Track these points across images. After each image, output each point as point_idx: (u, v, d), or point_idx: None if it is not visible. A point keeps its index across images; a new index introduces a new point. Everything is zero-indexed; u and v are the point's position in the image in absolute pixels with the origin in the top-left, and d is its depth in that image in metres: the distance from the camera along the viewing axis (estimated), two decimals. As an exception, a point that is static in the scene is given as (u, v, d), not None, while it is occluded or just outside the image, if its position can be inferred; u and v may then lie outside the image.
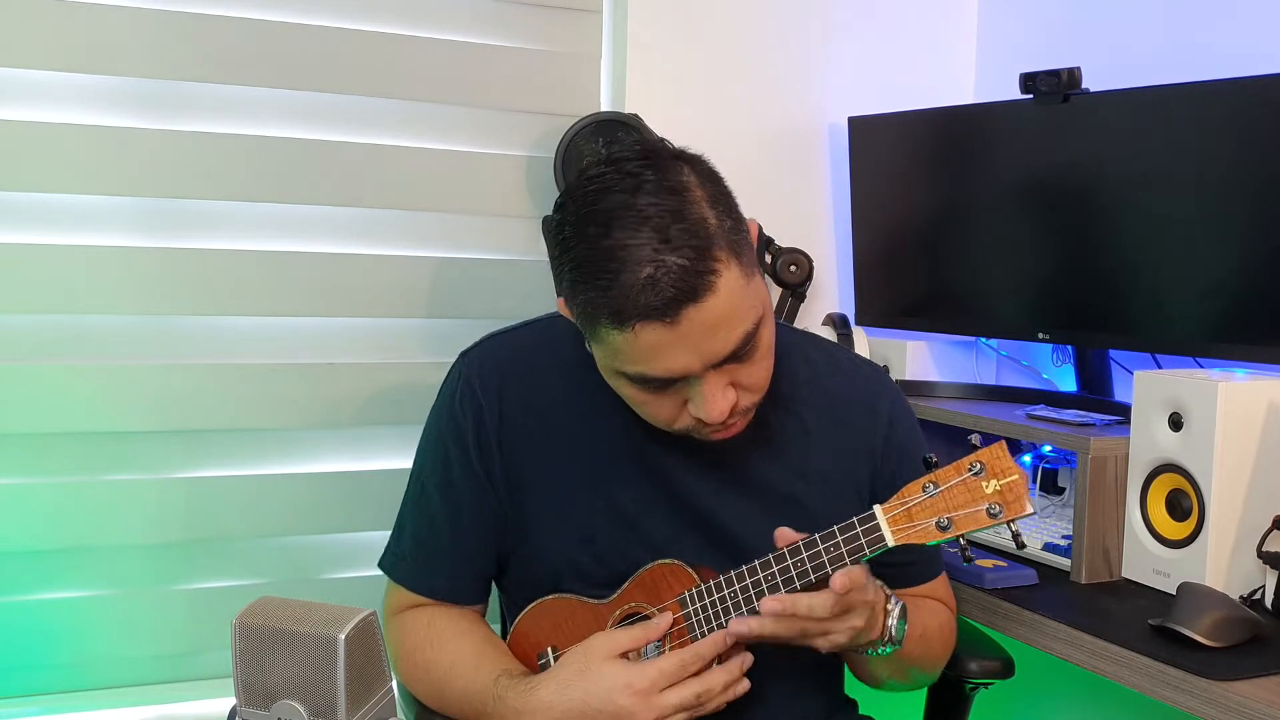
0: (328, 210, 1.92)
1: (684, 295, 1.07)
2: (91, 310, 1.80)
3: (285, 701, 0.89)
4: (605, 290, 1.09)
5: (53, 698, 1.81)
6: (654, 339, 1.09)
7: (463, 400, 1.31)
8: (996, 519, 1.10)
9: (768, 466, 1.30)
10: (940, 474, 1.13)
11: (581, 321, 1.16)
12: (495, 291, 2.02)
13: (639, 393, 1.17)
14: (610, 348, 1.13)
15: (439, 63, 1.96)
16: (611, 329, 1.10)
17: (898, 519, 1.13)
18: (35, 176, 1.75)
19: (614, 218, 1.09)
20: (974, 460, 1.12)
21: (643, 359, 1.12)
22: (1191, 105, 1.66)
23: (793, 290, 2.06)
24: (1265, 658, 1.27)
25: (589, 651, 1.18)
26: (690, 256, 1.07)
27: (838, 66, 2.22)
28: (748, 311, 1.13)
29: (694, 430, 1.20)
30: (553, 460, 1.29)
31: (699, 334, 1.10)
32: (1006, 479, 1.11)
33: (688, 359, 1.11)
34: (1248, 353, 1.61)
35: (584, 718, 1.15)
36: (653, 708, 1.14)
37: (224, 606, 1.41)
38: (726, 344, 1.12)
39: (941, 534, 1.11)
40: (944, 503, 1.12)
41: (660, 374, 1.13)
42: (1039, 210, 1.89)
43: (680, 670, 1.16)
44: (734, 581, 1.19)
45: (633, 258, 1.07)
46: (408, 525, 1.36)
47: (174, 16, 1.80)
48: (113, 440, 1.81)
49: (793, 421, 1.32)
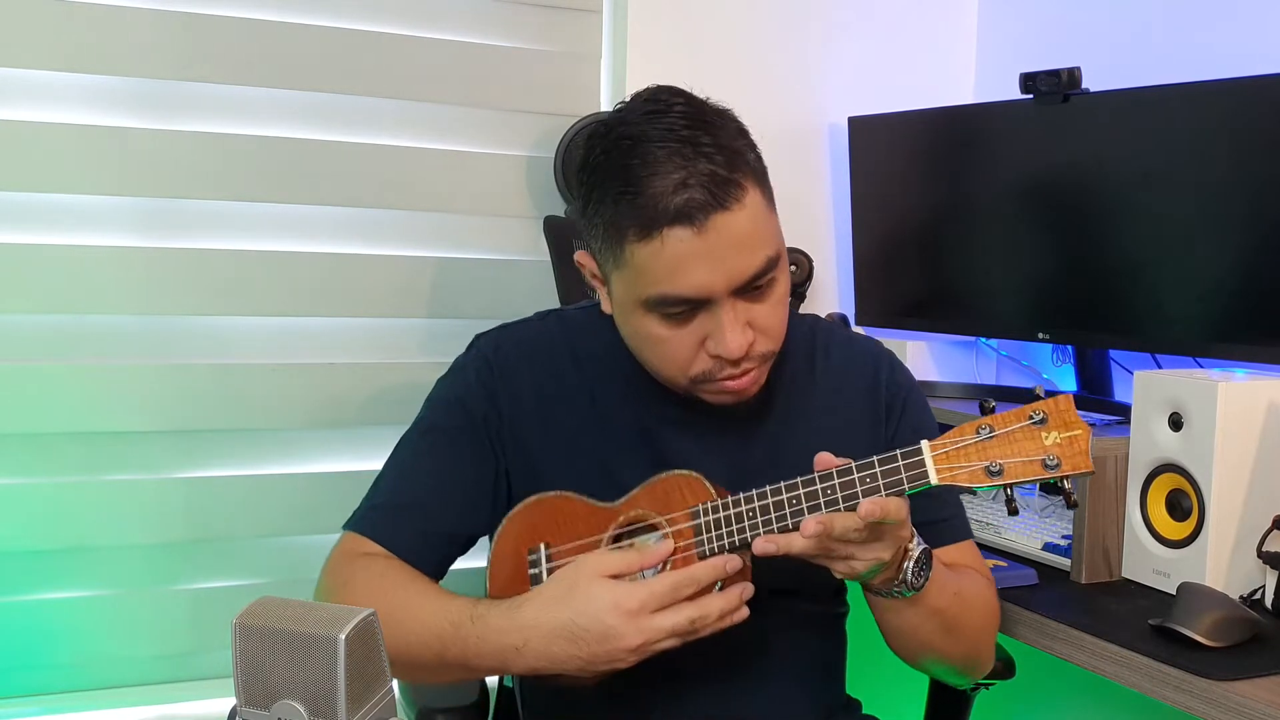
0: (328, 210, 1.92)
1: (715, 200, 1.10)
2: (91, 310, 1.80)
3: (285, 701, 0.88)
4: (634, 199, 1.10)
5: (53, 698, 1.81)
6: (681, 249, 1.10)
7: (479, 374, 1.30)
8: (1053, 471, 1.05)
9: (778, 449, 1.28)
10: (998, 418, 1.07)
11: (606, 248, 1.16)
12: (495, 291, 2.02)
13: (658, 326, 1.16)
14: (634, 270, 1.14)
15: (439, 63, 1.96)
16: (638, 242, 1.12)
17: (945, 457, 1.07)
18: (35, 176, 1.75)
19: (645, 134, 1.12)
20: (1037, 409, 1.06)
21: (667, 274, 1.12)
22: (1191, 105, 1.66)
23: (793, 290, 2.05)
24: (1265, 658, 1.27)
25: (578, 570, 1.13)
26: (721, 165, 1.11)
27: (838, 66, 2.22)
28: (771, 238, 1.16)
29: (710, 377, 1.18)
30: (561, 448, 1.28)
31: (725, 248, 1.11)
32: (1070, 432, 1.05)
33: (711, 276, 1.12)
34: (1248, 353, 1.61)
35: (570, 636, 1.10)
36: (642, 630, 1.09)
37: (224, 606, 1.42)
38: (751, 264, 1.13)
39: (990, 479, 1.06)
40: (998, 449, 1.06)
41: (684, 292, 1.12)
42: (1039, 210, 1.89)
43: (672, 592, 1.10)
44: (754, 500, 1.13)
45: (663, 165, 1.10)
46: (381, 485, 1.31)
47: (174, 16, 1.80)
48: (113, 440, 1.81)
49: (799, 401, 1.31)
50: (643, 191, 1.10)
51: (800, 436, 1.29)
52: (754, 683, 1.18)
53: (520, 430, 1.28)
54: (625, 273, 1.15)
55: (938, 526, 1.29)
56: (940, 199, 2.04)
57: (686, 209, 1.09)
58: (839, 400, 1.32)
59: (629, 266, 1.14)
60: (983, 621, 1.31)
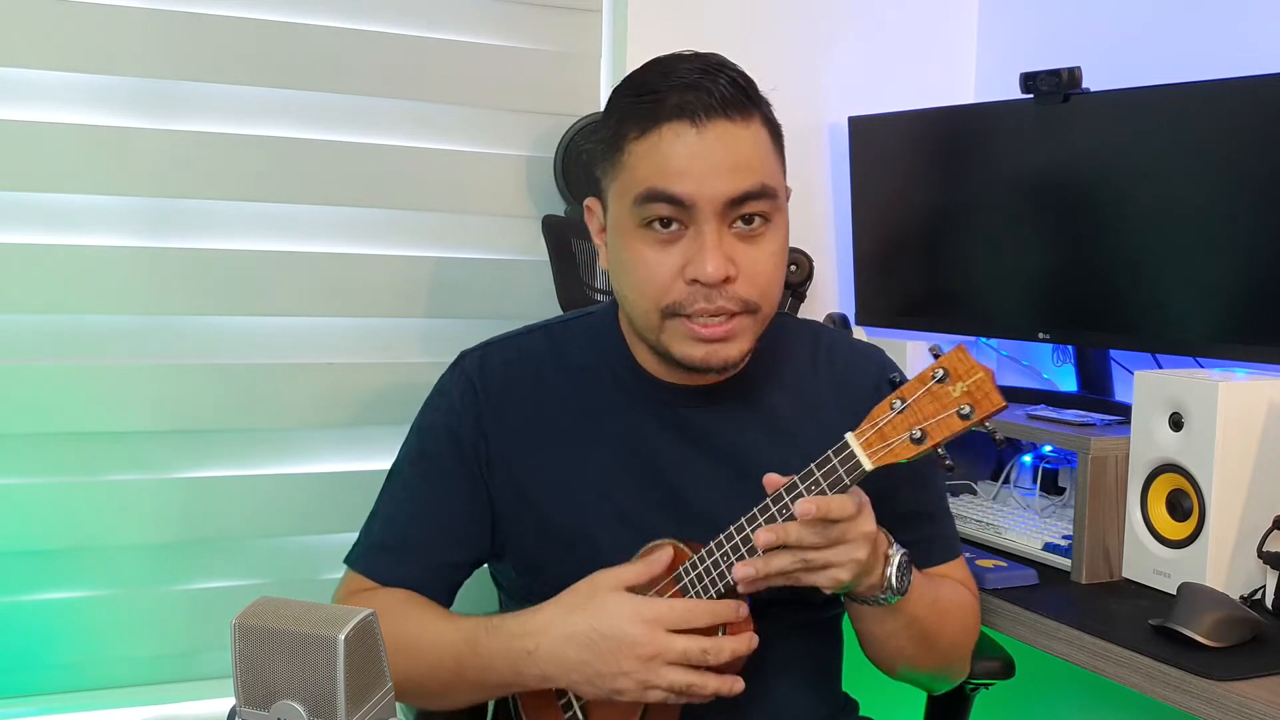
0: (327, 210, 1.92)
1: (720, 106, 1.12)
2: (91, 310, 1.80)
3: (285, 702, 0.89)
4: (642, 99, 1.14)
5: (53, 698, 1.81)
6: (678, 146, 1.12)
7: (463, 396, 1.30)
8: (969, 420, 1.07)
9: (777, 458, 1.28)
10: (905, 389, 1.10)
11: (607, 157, 1.19)
12: (495, 291, 2.02)
13: (643, 244, 1.16)
14: (629, 170, 1.15)
15: (439, 63, 1.96)
16: (636, 139, 1.14)
17: (870, 441, 1.10)
18: (35, 176, 1.75)
19: (673, 58, 1.17)
20: (936, 368, 1.09)
21: (659, 169, 1.13)
22: (1191, 105, 1.66)
23: (793, 290, 2.06)
24: (1265, 658, 1.27)
25: (594, 582, 1.15)
26: (736, 88, 1.14)
27: (838, 66, 2.22)
28: (770, 174, 1.17)
29: (685, 310, 1.16)
30: (552, 463, 1.28)
31: (719, 154, 1.13)
32: (972, 378, 1.07)
33: (699, 180, 1.12)
34: (1248, 353, 1.61)
35: (586, 642, 1.12)
36: (656, 642, 1.11)
37: (224, 606, 1.41)
38: (741, 182, 1.13)
39: (917, 447, 1.08)
40: (914, 416, 1.09)
41: (673, 188, 1.13)
42: (1039, 210, 1.89)
43: (685, 616, 1.12)
44: (723, 543, 1.15)
45: (680, 74, 1.14)
46: (378, 520, 1.32)
47: (174, 16, 1.80)
48: (113, 440, 1.81)
49: (799, 408, 1.30)
50: (654, 91, 1.14)
51: (798, 440, 1.29)
52: (755, 689, 1.19)
53: (507, 452, 1.28)
54: (621, 178, 1.17)
55: (930, 544, 1.31)
56: (940, 199, 2.04)
57: (691, 106, 1.12)
58: (839, 405, 1.32)
59: (625, 169, 1.16)
60: (959, 631, 1.32)
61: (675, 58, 1.18)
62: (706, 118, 1.12)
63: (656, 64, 1.18)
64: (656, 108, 1.13)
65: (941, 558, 1.33)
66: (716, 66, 1.16)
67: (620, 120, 1.17)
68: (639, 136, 1.15)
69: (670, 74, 1.15)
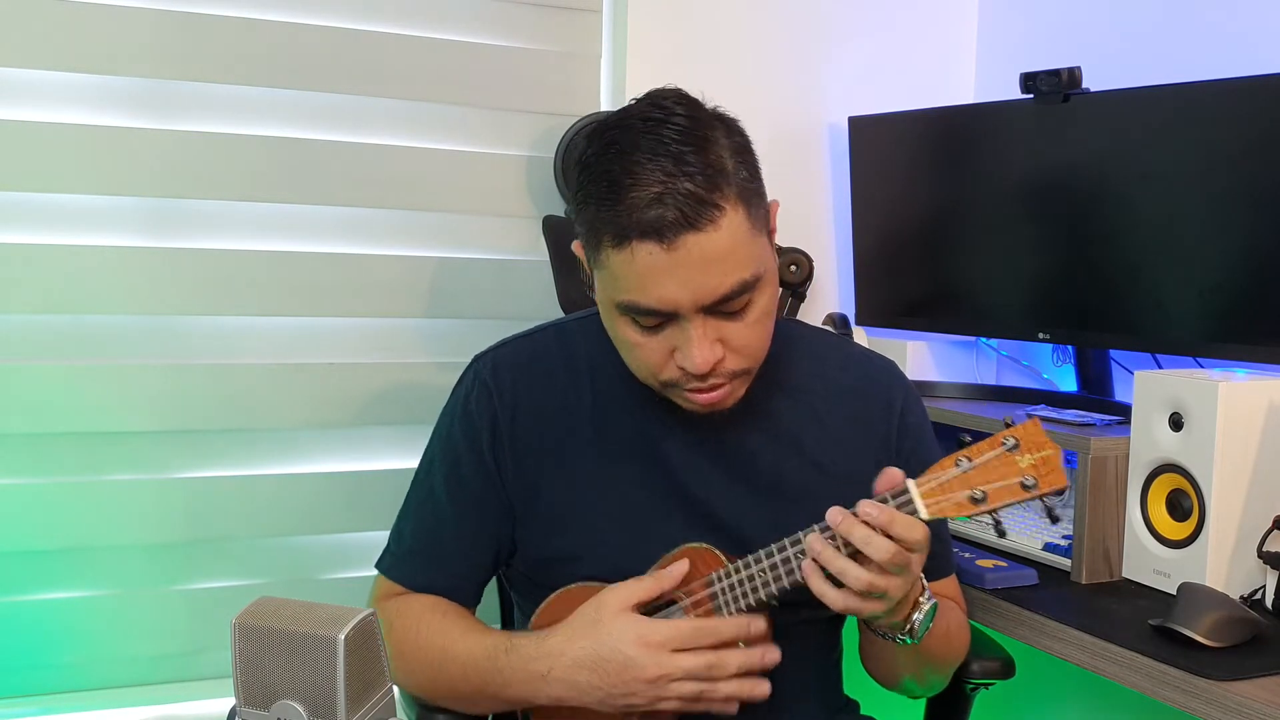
0: (328, 210, 1.92)
1: (686, 220, 1.09)
2: (91, 310, 1.80)
3: (285, 702, 0.89)
4: (612, 206, 1.11)
5: (53, 698, 1.81)
6: (649, 262, 1.11)
7: (478, 401, 1.31)
8: (1031, 491, 1.10)
9: (782, 461, 1.29)
10: (974, 449, 1.13)
11: (588, 247, 1.18)
12: (495, 291, 2.02)
13: (632, 331, 1.18)
14: (609, 273, 1.15)
15: (439, 63, 1.96)
16: (611, 249, 1.13)
17: (931, 491, 1.12)
18: (35, 176, 1.75)
19: (636, 143, 1.12)
20: (1008, 435, 1.12)
21: (636, 284, 1.13)
22: (1191, 105, 1.66)
23: (793, 290, 2.05)
24: (1265, 658, 1.27)
25: (601, 604, 1.18)
26: (701, 185, 1.10)
27: (838, 66, 2.22)
28: (748, 261, 1.14)
29: (679, 385, 1.19)
30: (566, 462, 1.29)
31: (694, 266, 1.11)
32: (1042, 453, 1.11)
33: (678, 292, 1.12)
34: (1248, 353, 1.61)
35: (593, 666, 1.15)
36: (660, 663, 1.13)
37: (224, 606, 1.41)
38: (719, 287, 1.13)
39: (975, 506, 1.11)
40: (978, 477, 1.11)
41: (650, 303, 1.13)
42: (1039, 210, 1.89)
43: (694, 635, 1.15)
44: (762, 559, 1.17)
45: (644, 178, 1.10)
46: (408, 525, 1.35)
47: (174, 16, 1.80)
48: (113, 440, 1.81)
49: (806, 414, 1.31)
50: (621, 200, 1.11)
51: (805, 448, 1.30)
52: None
53: (520, 450, 1.30)
54: (602, 274, 1.17)
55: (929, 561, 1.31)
56: (940, 199, 2.04)
57: (656, 225, 1.10)
58: (849, 416, 1.33)
59: (605, 269, 1.16)
60: (958, 650, 1.37)
61: (637, 141, 1.12)
62: (675, 235, 1.10)
63: (620, 149, 1.13)
64: (626, 221, 1.11)
65: (935, 575, 1.35)
66: (680, 161, 1.10)
67: (595, 214, 1.14)
68: (613, 247, 1.13)
69: (635, 174, 1.11)
